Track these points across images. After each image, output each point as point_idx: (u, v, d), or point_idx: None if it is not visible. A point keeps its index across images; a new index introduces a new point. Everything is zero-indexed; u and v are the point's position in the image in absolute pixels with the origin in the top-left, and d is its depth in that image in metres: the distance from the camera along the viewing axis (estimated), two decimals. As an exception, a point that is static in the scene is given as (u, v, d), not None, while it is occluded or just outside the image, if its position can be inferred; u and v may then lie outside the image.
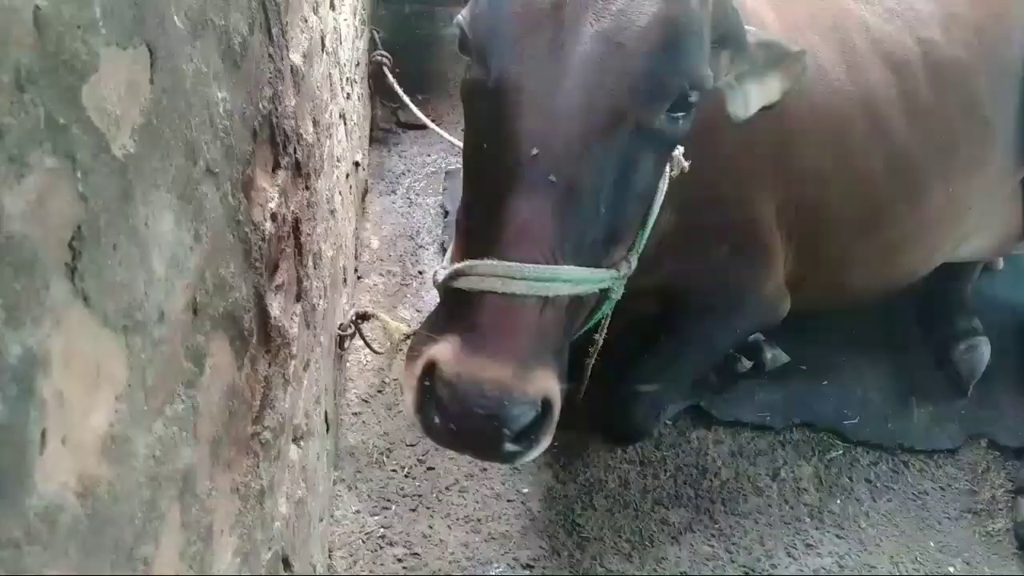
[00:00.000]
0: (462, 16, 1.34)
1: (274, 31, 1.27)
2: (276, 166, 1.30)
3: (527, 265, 1.17)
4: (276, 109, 1.27)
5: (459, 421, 1.11)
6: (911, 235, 2.28)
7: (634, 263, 1.42)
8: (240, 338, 1.03)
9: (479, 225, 1.27)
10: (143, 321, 0.71)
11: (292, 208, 1.39)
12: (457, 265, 1.22)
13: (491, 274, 1.17)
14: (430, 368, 1.16)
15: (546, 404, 1.16)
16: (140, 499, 0.70)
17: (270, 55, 1.24)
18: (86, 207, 0.60)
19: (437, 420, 1.15)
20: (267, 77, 1.22)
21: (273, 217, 1.23)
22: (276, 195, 1.26)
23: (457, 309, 1.22)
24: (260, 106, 1.17)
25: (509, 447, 1.14)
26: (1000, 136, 2.30)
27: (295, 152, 1.42)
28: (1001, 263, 2.88)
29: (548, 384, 1.17)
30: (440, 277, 1.31)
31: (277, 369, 1.26)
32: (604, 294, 1.39)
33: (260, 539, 1.14)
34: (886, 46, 2.16)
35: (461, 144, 2.33)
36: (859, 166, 2.11)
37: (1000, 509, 2.24)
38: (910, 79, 2.15)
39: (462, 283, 1.20)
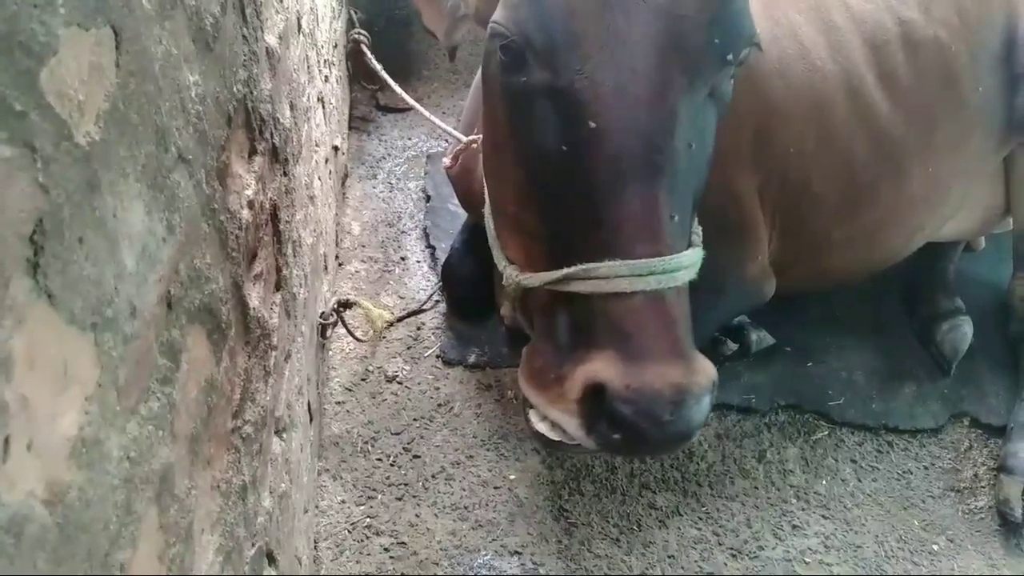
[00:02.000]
0: (502, 19, 1.28)
1: (248, 11, 1.22)
2: (252, 152, 1.26)
3: (654, 260, 1.18)
4: (251, 93, 1.22)
5: (648, 432, 1.13)
6: (893, 215, 2.29)
7: (701, 233, 1.41)
8: (218, 331, 0.99)
9: (574, 227, 1.25)
10: (113, 317, 0.67)
11: (270, 195, 1.35)
12: (569, 270, 1.22)
13: (616, 275, 1.17)
14: (595, 390, 1.16)
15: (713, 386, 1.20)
16: (114, 503, 0.67)
17: (244, 36, 1.20)
18: (48, 199, 0.56)
19: (617, 436, 1.16)
20: (241, 59, 1.18)
21: (250, 205, 1.19)
22: (253, 182, 1.22)
23: (584, 317, 1.22)
24: (235, 90, 1.13)
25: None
26: (980, 116, 2.30)
27: (272, 137, 1.37)
28: (982, 243, 2.90)
29: (710, 367, 1.21)
30: (532, 283, 1.31)
31: (257, 361, 1.23)
32: None
33: (243, 535, 1.11)
34: (867, 25, 2.14)
35: (443, 126, 2.29)
36: (841, 145, 2.10)
37: (983, 487, 2.26)
38: (890, 59, 2.14)
39: (579, 287, 1.21)
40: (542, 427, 1.32)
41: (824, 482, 2.21)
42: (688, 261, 1.24)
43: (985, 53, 2.27)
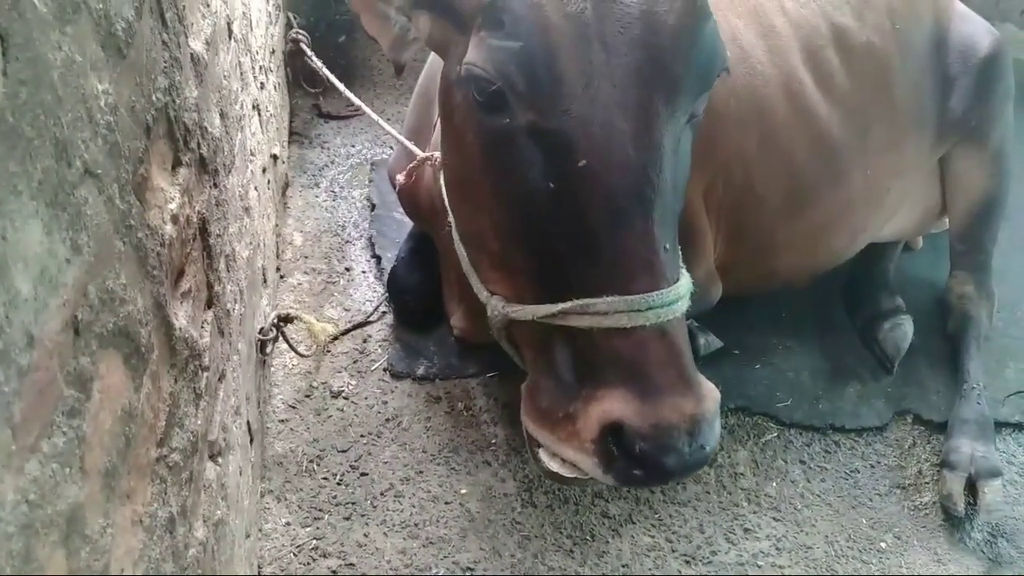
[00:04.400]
0: (478, 61, 1.24)
1: (168, 16, 1.16)
2: (177, 163, 1.20)
3: (652, 295, 1.18)
4: (174, 101, 1.16)
5: (669, 464, 1.14)
6: (835, 217, 2.32)
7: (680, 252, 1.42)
8: (136, 355, 0.93)
9: (568, 264, 1.24)
10: (5, 349, 0.61)
11: (198, 208, 1.29)
12: (564, 305, 1.21)
13: (615, 311, 1.17)
14: (612, 428, 1.16)
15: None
16: (9, 552, 0.61)
17: (164, 42, 1.14)
18: (-85, 222, 0.50)
19: (638, 472, 1.17)
20: (161, 66, 1.11)
21: (174, 219, 1.13)
22: (177, 195, 1.15)
23: (586, 352, 1.22)
24: (154, 98, 1.07)
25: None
26: (913, 118, 2.35)
27: (199, 147, 1.31)
28: (921, 242, 2.97)
29: (714, 390, 1.22)
30: (523, 316, 1.31)
31: (186, 384, 1.16)
32: None
33: (171, 570, 1.05)
34: (803, 30, 2.17)
35: (397, 135, 2.23)
36: (782, 148, 2.12)
37: (926, 483, 2.30)
38: (827, 63, 2.18)
39: (576, 321, 1.20)
40: (554, 465, 1.31)
41: (774, 484, 2.23)
42: (684, 290, 1.25)
43: (916, 57, 2.33)
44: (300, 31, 2.87)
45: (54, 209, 0.72)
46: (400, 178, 1.91)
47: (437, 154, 1.65)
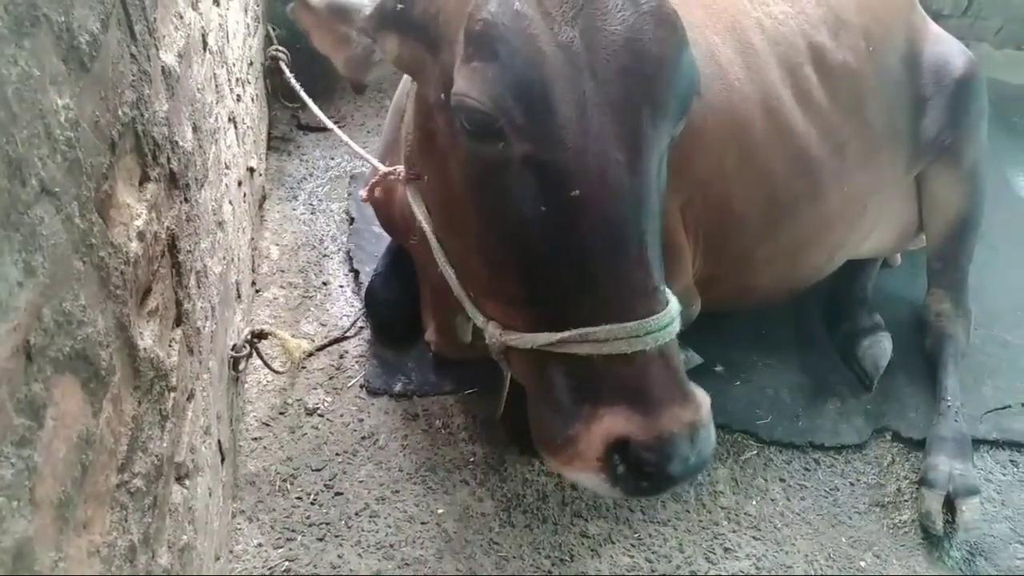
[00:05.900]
0: (472, 92, 1.21)
1: (137, 28, 1.13)
2: (144, 179, 1.17)
3: (649, 320, 1.20)
4: (142, 115, 1.13)
5: (675, 472, 1.19)
6: (813, 233, 2.32)
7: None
8: (95, 379, 0.90)
9: (564, 293, 1.25)
10: (-55, 379, 0.58)
11: (166, 224, 1.26)
12: (563, 334, 1.23)
13: (614, 338, 1.19)
14: (617, 444, 1.19)
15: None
16: (-53, 596, 0.58)
17: (132, 55, 1.11)
18: None
19: (645, 484, 1.21)
20: (129, 80, 1.08)
21: (140, 236, 1.10)
22: (144, 211, 1.12)
23: (586, 377, 1.24)
24: (120, 113, 1.04)
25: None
26: (887, 137, 2.37)
27: (169, 162, 1.28)
28: (899, 259, 2.98)
29: (704, 394, 1.27)
30: (521, 344, 1.32)
31: (150, 406, 1.13)
32: None
33: (131, 602, 1.01)
34: (781, 48, 2.18)
35: (360, 151, 2.20)
36: (760, 164, 2.13)
37: (905, 501, 2.29)
38: (804, 80, 2.19)
39: (575, 348, 1.23)
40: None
41: (754, 502, 2.21)
42: (676, 311, 1.27)
43: (890, 77, 2.35)
44: (280, 48, 2.85)
45: (5, 230, 0.69)
46: (362, 193, 1.90)
47: (400, 168, 1.63)
